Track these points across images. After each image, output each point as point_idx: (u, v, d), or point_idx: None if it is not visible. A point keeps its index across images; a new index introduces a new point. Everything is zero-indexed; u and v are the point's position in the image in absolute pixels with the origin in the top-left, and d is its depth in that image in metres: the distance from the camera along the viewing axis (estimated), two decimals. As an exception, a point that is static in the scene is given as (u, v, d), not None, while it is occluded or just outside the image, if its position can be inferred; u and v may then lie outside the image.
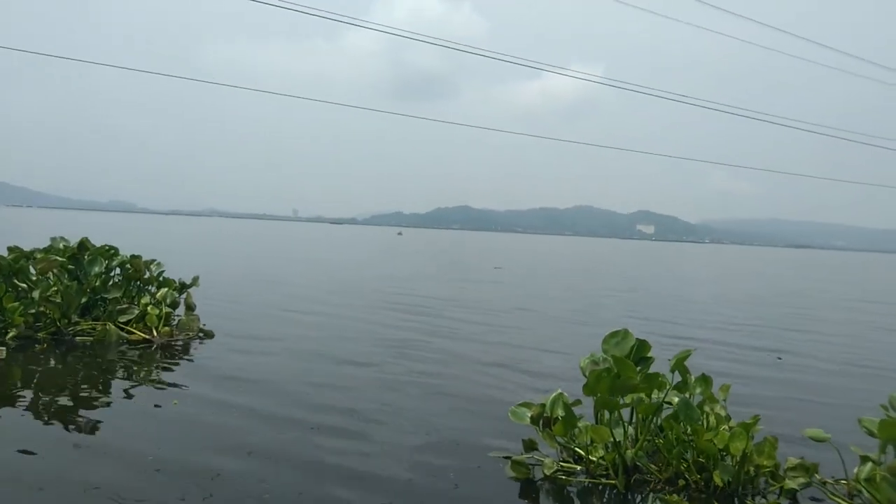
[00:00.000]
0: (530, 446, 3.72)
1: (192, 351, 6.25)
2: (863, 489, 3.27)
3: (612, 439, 3.41)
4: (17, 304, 5.92)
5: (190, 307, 7.20)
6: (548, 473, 3.49)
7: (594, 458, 3.57)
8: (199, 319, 6.99)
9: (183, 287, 7.42)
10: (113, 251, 7.19)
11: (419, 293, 12.67)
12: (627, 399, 3.52)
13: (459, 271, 19.08)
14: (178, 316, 7.06)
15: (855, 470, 3.37)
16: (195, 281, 7.62)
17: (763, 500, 3.30)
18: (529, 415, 3.77)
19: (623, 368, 3.36)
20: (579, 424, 3.64)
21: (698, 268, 32.44)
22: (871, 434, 3.34)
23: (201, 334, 6.83)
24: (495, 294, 13.72)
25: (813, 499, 3.42)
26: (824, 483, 3.46)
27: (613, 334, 3.66)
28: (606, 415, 3.60)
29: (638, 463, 3.54)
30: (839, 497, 3.37)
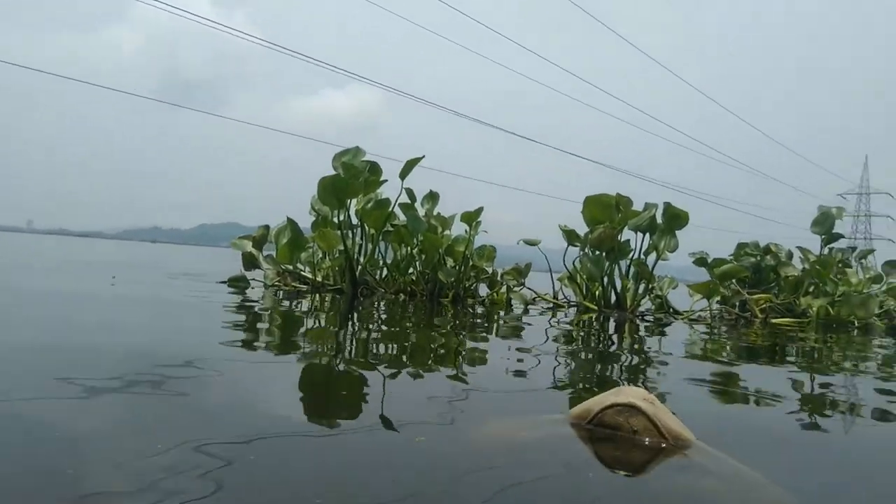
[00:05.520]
0: (250, 262, 3.42)
1: None
2: (564, 284, 3.58)
3: (340, 246, 3.28)
4: None
5: None
6: (268, 284, 3.24)
7: (320, 276, 3.41)
8: None
9: None
10: None
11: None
12: (357, 205, 3.43)
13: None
14: None
15: (559, 275, 3.68)
16: None
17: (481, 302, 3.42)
18: (252, 238, 3.50)
19: (349, 171, 3.25)
20: (307, 243, 3.46)
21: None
22: (569, 237, 3.66)
23: None
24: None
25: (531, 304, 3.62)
26: (534, 298, 3.72)
27: (345, 151, 3.54)
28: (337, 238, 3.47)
29: (366, 278, 3.45)
30: (546, 297, 3.64)
